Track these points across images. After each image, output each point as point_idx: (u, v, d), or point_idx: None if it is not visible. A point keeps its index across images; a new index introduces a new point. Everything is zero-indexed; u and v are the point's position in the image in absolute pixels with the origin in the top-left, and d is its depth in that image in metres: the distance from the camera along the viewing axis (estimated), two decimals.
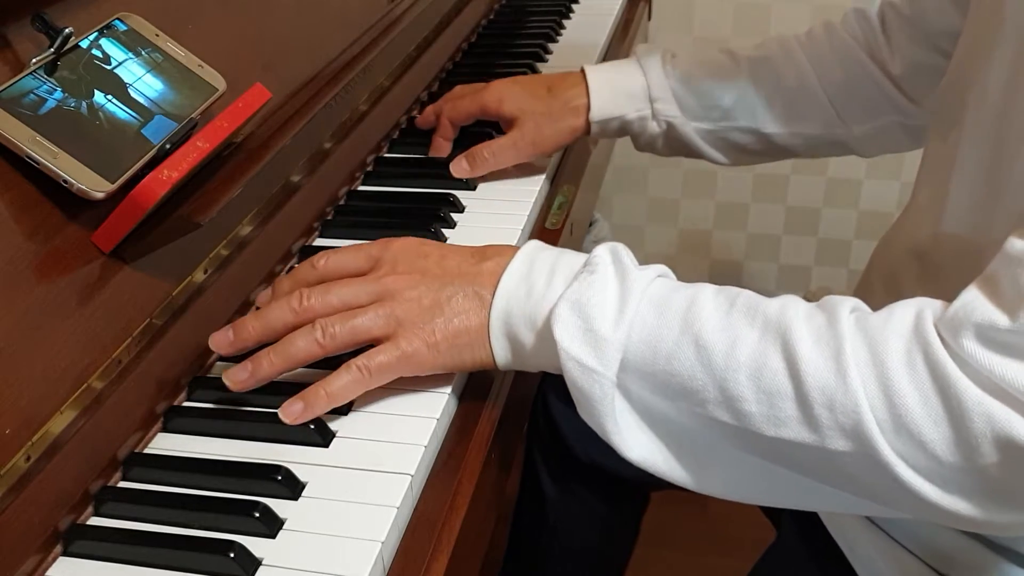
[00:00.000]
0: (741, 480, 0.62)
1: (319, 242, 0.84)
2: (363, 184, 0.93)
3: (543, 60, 1.21)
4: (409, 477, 0.59)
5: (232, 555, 0.54)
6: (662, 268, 0.64)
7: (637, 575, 1.21)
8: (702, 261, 2.07)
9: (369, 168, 0.95)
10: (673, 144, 0.99)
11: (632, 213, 2.04)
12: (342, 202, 0.90)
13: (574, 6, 1.39)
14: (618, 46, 1.32)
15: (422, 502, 0.60)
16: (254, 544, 0.55)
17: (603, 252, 0.64)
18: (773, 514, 0.96)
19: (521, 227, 0.85)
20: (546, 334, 0.61)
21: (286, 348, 0.64)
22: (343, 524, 0.56)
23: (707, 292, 0.61)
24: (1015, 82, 0.65)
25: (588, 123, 0.95)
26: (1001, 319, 0.52)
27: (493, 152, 0.92)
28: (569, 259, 0.65)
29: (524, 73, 1.15)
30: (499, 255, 0.67)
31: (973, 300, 0.54)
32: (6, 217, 0.57)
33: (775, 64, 0.96)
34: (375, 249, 0.69)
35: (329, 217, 0.87)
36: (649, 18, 1.56)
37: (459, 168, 0.92)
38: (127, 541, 0.56)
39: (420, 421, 0.63)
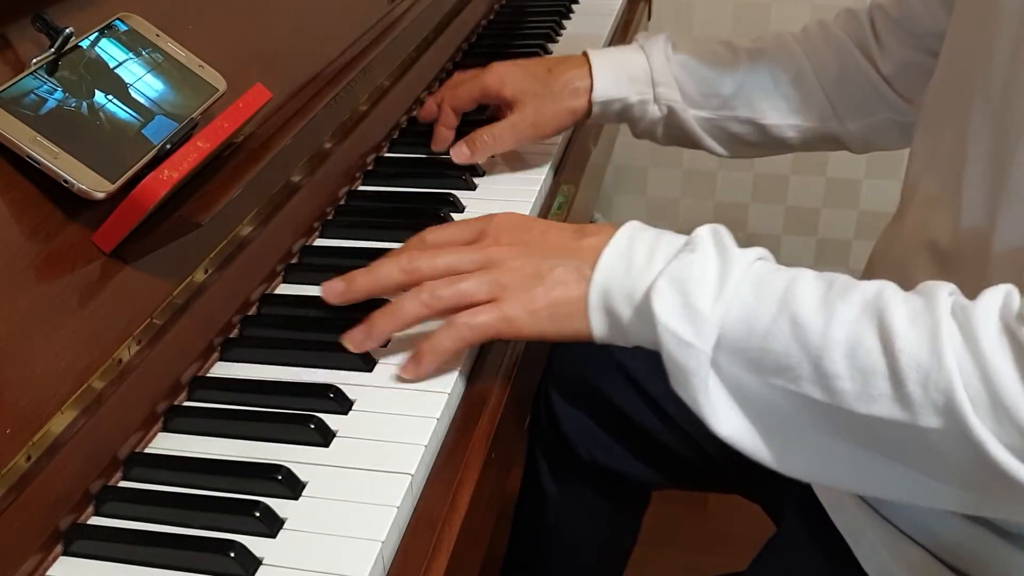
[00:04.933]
0: (826, 464, 0.62)
1: (319, 242, 0.85)
2: (363, 184, 0.93)
3: None
4: (409, 477, 0.59)
5: (232, 555, 0.54)
6: (763, 251, 0.65)
7: (637, 574, 1.21)
8: None
9: (369, 168, 0.95)
10: (672, 131, 0.99)
11: (632, 213, 2.04)
12: (342, 202, 0.90)
13: (574, 6, 1.39)
14: (618, 46, 1.32)
15: (422, 502, 0.60)
16: (254, 544, 0.55)
17: (705, 232, 0.65)
18: (774, 510, 0.96)
19: None
20: (644, 309, 0.62)
21: (396, 309, 0.67)
22: (343, 524, 0.56)
23: (807, 274, 0.62)
24: (1014, 73, 0.66)
25: (589, 105, 0.95)
26: None
27: (493, 136, 0.92)
28: (669, 238, 0.66)
29: None
30: (600, 232, 0.68)
31: None
32: (6, 217, 0.57)
33: (773, 57, 0.96)
34: (480, 222, 0.71)
35: (329, 217, 0.87)
36: (649, 18, 1.56)
37: (459, 153, 0.92)
38: (128, 541, 0.56)
39: (420, 421, 0.63)
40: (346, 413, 0.65)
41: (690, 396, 0.62)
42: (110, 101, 0.65)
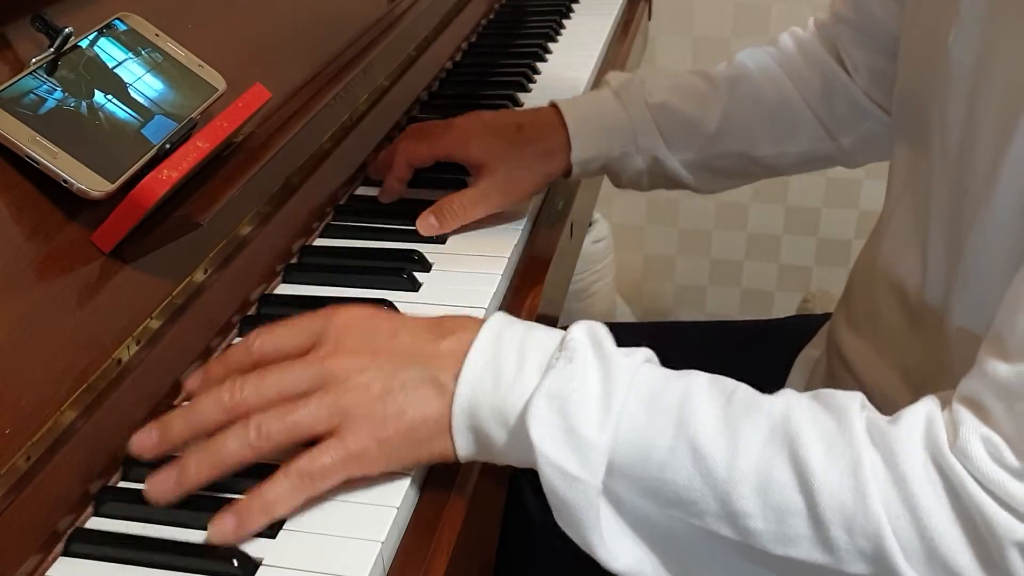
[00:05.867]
0: None
1: (319, 242, 0.84)
2: (363, 184, 0.93)
3: (543, 60, 1.22)
4: (409, 477, 0.59)
5: (232, 555, 0.54)
6: (647, 352, 0.58)
7: None
8: (702, 261, 2.07)
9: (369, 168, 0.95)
10: (656, 179, 0.94)
11: (632, 213, 2.04)
12: (342, 202, 0.90)
13: (574, 6, 1.39)
14: (618, 46, 1.32)
15: (422, 502, 0.60)
16: (254, 544, 0.55)
17: (580, 335, 0.57)
18: None
19: (521, 227, 0.85)
20: (520, 431, 0.55)
21: (214, 452, 0.56)
22: (343, 524, 0.56)
23: (700, 384, 0.56)
24: (971, 132, 0.63)
25: (568, 165, 0.88)
26: (1009, 457, 0.49)
27: (463, 205, 0.83)
28: (540, 337, 0.58)
29: (524, 74, 1.15)
30: (461, 330, 0.59)
31: (973, 430, 0.50)
32: (6, 217, 0.57)
33: (753, 83, 0.92)
34: (317, 323, 0.60)
35: (329, 217, 0.87)
36: (649, 18, 1.56)
37: (426, 225, 0.82)
38: (127, 542, 0.56)
39: None
40: None
41: (578, 534, 0.56)
42: (109, 101, 0.65)
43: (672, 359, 0.62)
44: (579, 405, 0.54)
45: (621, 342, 0.60)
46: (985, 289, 0.61)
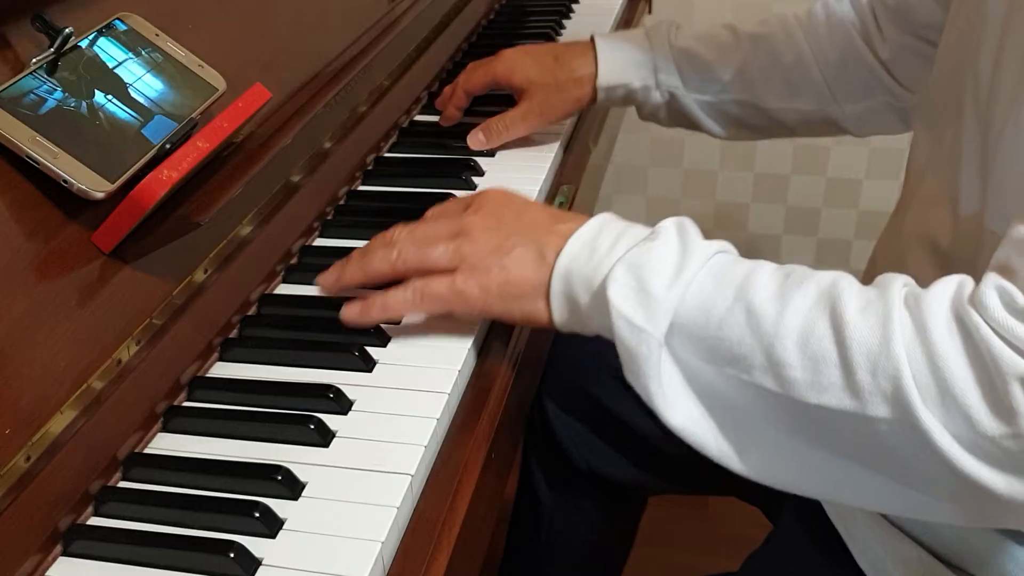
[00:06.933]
0: (782, 463, 0.61)
1: (319, 242, 0.84)
2: (363, 184, 0.93)
3: None
4: (409, 477, 0.59)
5: (232, 555, 0.54)
6: (726, 244, 0.65)
7: (637, 575, 1.21)
8: None
9: (369, 168, 0.95)
10: (675, 115, 1.02)
11: (632, 213, 2.02)
12: (342, 202, 0.90)
13: (574, 6, 1.39)
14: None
15: (422, 502, 0.60)
16: (254, 544, 0.55)
17: (670, 223, 0.65)
18: (774, 512, 0.96)
19: None
20: (600, 294, 0.62)
21: (366, 263, 0.71)
22: (343, 524, 0.56)
23: (767, 266, 0.62)
24: (999, 73, 0.66)
25: (594, 91, 0.99)
26: (1020, 301, 0.53)
27: (506, 124, 0.97)
28: (637, 229, 0.66)
29: None
30: (574, 220, 0.68)
31: (992, 283, 0.55)
32: (6, 217, 0.57)
33: (774, 42, 0.99)
34: (473, 195, 0.74)
35: (329, 217, 0.87)
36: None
37: (475, 140, 0.97)
38: (127, 541, 0.56)
39: (420, 421, 0.63)
40: (346, 413, 0.65)
41: (641, 385, 0.62)
42: (110, 101, 0.65)
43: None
44: (654, 272, 0.61)
45: None
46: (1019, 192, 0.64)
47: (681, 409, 0.61)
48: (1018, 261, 0.55)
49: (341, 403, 0.65)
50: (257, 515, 0.56)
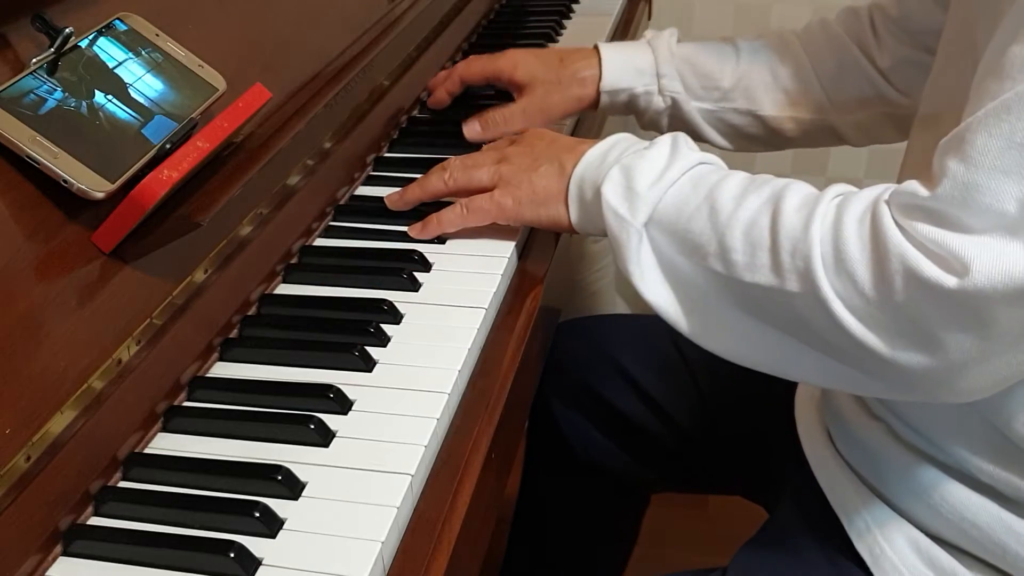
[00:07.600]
0: (737, 339, 0.69)
1: (319, 242, 0.84)
2: (363, 184, 0.93)
3: None
4: (409, 477, 0.59)
5: (232, 555, 0.54)
6: (714, 157, 0.74)
7: (637, 574, 1.21)
8: None
9: (369, 168, 0.95)
10: (676, 123, 1.03)
11: None
12: (342, 202, 0.90)
13: (574, 6, 1.39)
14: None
15: (422, 502, 0.60)
16: (254, 544, 0.55)
17: (666, 136, 0.76)
18: (770, 500, 0.96)
19: (521, 227, 0.85)
20: (600, 192, 0.73)
21: (424, 182, 0.84)
22: (343, 524, 0.56)
23: (739, 174, 0.71)
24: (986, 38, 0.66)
25: (597, 94, 1.01)
26: (921, 190, 0.60)
27: (504, 117, 0.98)
28: (642, 144, 0.76)
29: None
30: (596, 142, 0.79)
31: (913, 182, 0.62)
32: (6, 217, 0.57)
33: (772, 51, 1.00)
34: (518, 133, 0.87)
35: (329, 217, 0.87)
36: (649, 18, 1.56)
37: (471, 130, 0.98)
38: (127, 541, 0.56)
39: (420, 421, 0.63)
40: (346, 413, 0.65)
41: (624, 266, 0.72)
42: (110, 101, 0.65)
43: (673, 353, 0.64)
44: (642, 173, 0.72)
45: (619, 335, 0.65)
46: None
47: (657, 292, 0.71)
48: (939, 162, 0.60)
49: (341, 403, 0.65)
50: (257, 515, 0.56)
